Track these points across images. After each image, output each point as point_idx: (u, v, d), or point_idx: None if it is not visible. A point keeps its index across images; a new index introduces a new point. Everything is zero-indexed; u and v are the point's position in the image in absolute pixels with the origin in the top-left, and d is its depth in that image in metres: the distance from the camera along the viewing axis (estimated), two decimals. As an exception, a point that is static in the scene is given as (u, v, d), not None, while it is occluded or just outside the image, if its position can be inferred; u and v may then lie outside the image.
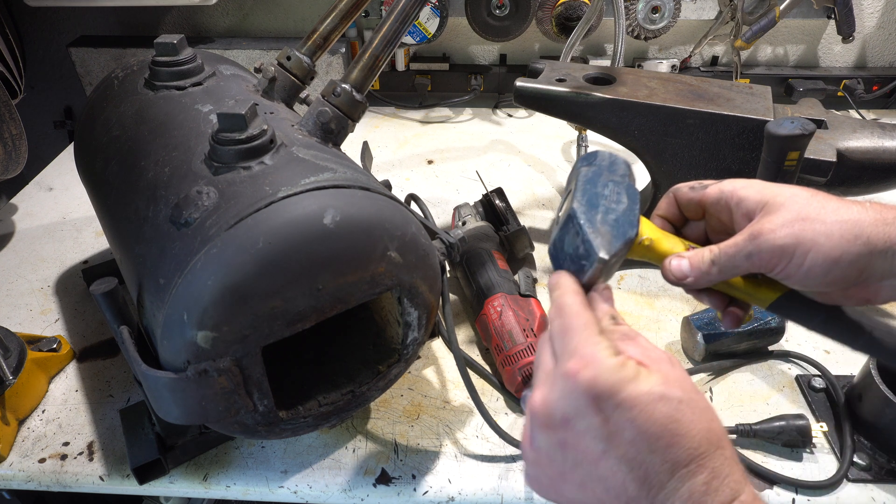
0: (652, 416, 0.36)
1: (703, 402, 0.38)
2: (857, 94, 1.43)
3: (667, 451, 0.36)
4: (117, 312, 0.59)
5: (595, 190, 0.47)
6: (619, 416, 0.37)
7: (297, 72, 0.81)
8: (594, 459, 0.38)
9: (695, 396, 0.38)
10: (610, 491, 0.37)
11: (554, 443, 0.39)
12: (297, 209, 0.55)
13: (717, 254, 0.46)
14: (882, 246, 0.42)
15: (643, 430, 0.36)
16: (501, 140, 1.42)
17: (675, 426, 0.36)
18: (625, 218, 0.46)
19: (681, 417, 0.36)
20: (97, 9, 1.51)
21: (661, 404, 0.37)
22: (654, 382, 0.37)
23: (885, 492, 0.68)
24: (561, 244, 0.46)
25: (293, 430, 0.64)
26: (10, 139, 1.15)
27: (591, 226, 0.44)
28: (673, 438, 0.36)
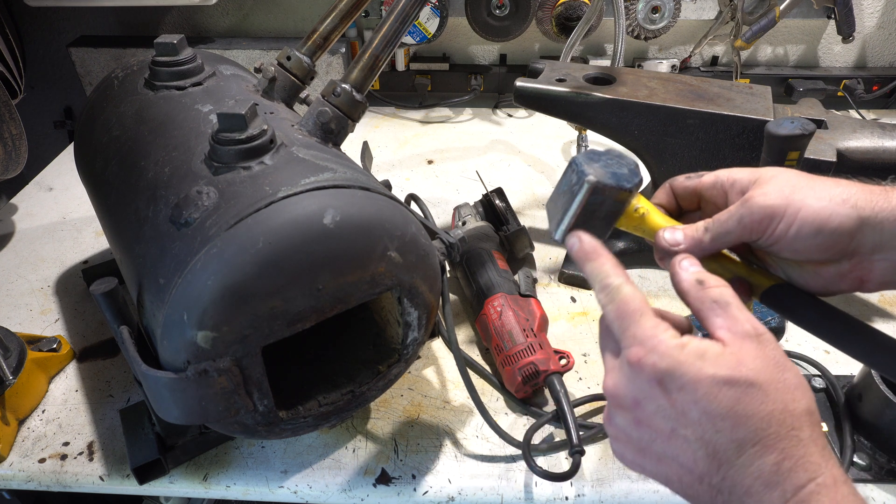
0: (716, 399, 0.37)
1: (783, 384, 0.38)
2: (857, 94, 1.43)
3: (733, 432, 0.37)
4: (117, 312, 0.59)
5: (597, 155, 0.49)
6: (684, 398, 0.38)
7: (297, 72, 0.81)
8: (666, 437, 0.39)
9: (773, 377, 0.38)
10: (683, 466, 0.39)
11: (630, 421, 0.41)
12: (297, 209, 0.55)
13: (709, 222, 0.47)
14: (870, 212, 0.42)
15: (707, 411, 0.37)
16: (501, 140, 1.42)
17: (740, 408, 0.37)
18: (623, 174, 0.47)
19: (748, 400, 0.37)
20: (97, 9, 1.51)
21: (725, 388, 0.37)
22: (722, 366, 0.38)
23: (885, 492, 0.68)
24: (557, 190, 0.49)
25: (293, 430, 0.64)
26: (10, 139, 1.15)
27: (588, 165, 0.47)
28: (738, 419, 0.37)
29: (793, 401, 0.37)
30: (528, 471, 0.69)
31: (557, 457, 0.73)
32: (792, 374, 0.38)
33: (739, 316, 0.40)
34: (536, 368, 0.74)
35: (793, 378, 0.38)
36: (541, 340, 0.77)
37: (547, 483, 0.69)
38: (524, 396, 0.78)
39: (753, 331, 0.40)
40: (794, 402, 0.37)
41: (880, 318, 0.90)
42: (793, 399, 0.37)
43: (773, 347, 0.40)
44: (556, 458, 0.73)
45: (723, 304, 0.41)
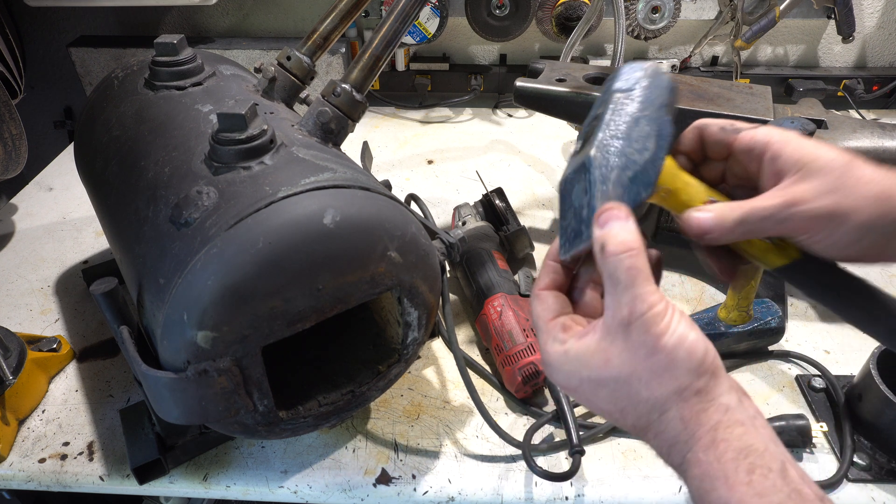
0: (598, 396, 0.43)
1: (649, 371, 0.40)
2: (857, 94, 1.43)
3: (624, 419, 0.43)
4: (117, 312, 0.59)
5: (621, 129, 0.43)
6: (581, 397, 0.44)
7: (297, 72, 0.81)
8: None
9: (638, 367, 0.41)
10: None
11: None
12: (297, 209, 0.55)
13: (746, 213, 0.44)
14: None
15: (599, 406, 0.44)
16: (501, 140, 1.42)
17: (618, 401, 0.42)
18: (643, 175, 0.43)
19: (620, 395, 0.42)
20: (97, 9, 1.51)
21: (600, 388, 0.43)
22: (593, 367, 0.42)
23: (885, 492, 0.68)
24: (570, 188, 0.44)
25: (293, 430, 0.64)
26: (10, 139, 1.15)
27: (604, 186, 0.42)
28: (621, 412, 0.42)
29: (658, 385, 0.40)
30: (528, 471, 0.69)
31: (557, 457, 0.73)
32: (662, 355, 0.40)
33: (622, 299, 0.41)
34: (536, 368, 0.74)
35: (662, 360, 0.40)
36: (541, 340, 0.77)
37: (547, 483, 0.69)
38: (524, 396, 0.78)
39: (627, 317, 0.40)
40: (659, 386, 0.40)
41: None
42: (659, 384, 0.40)
43: (643, 331, 0.40)
44: (556, 458, 0.73)
45: (614, 281, 0.41)
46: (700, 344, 0.40)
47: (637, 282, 0.41)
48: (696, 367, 0.39)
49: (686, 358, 0.39)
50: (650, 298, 0.40)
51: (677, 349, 0.39)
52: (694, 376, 0.39)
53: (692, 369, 0.39)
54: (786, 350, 0.84)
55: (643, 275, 0.41)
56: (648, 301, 0.40)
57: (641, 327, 0.40)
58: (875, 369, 0.70)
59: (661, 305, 0.41)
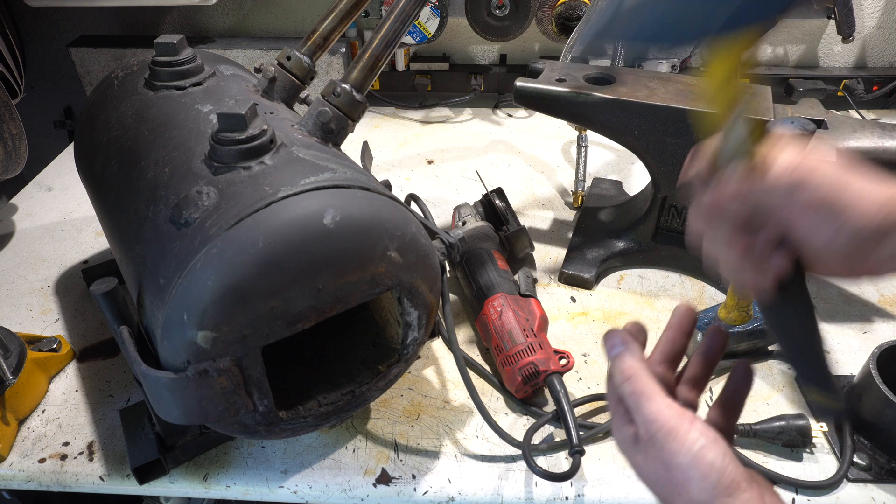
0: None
1: (671, 483, 0.43)
2: (857, 94, 1.43)
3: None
4: (117, 312, 0.59)
5: None
6: None
7: (297, 72, 0.81)
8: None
9: (660, 479, 0.44)
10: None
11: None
12: (296, 209, 0.55)
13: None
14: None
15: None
16: (501, 140, 1.42)
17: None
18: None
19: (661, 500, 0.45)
20: (97, 9, 1.51)
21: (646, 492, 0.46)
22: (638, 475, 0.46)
23: (885, 492, 0.68)
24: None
25: (293, 430, 0.64)
26: (10, 139, 1.15)
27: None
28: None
29: (678, 497, 0.43)
30: (528, 471, 0.69)
31: (557, 457, 0.73)
32: (678, 473, 0.42)
33: (637, 420, 0.45)
34: (536, 368, 0.74)
35: (678, 477, 0.42)
36: (541, 340, 0.77)
37: (547, 483, 0.69)
38: (524, 396, 0.78)
39: (644, 437, 0.44)
40: (679, 498, 0.43)
41: (880, 318, 0.90)
42: (678, 496, 0.43)
43: (659, 449, 0.43)
44: (556, 458, 0.73)
45: (627, 405, 0.46)
46: (716, 465, 0.42)
47: (641, 404, 0.45)
48: (711, 488, 0.41)
49: (700, 479, 0.41)
50: (660, 417, 0.44)
51: (691, 469, 0.42)
52: (709, 496, 0.41)
53: (706, 489, 0.41)
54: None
55: (645, 396, 0.45)
56: (658, 421, 0.44)
57: (657, 446, 0.43)
58: (875, 369, 0.70)
59: (673, 421, 0.43)
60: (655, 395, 0.45)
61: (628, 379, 0.46)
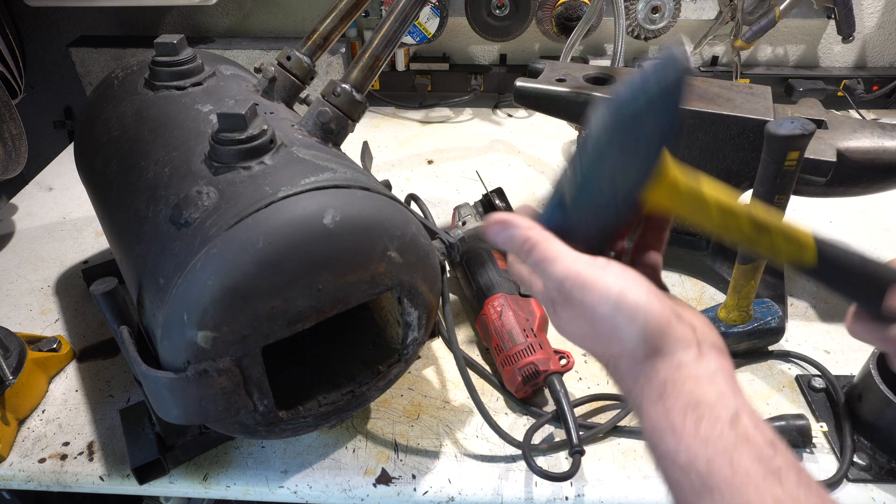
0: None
1: (599, 336, 0.42)
2: (857, 94, 1.43)
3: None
4: (117, 312, 0.59)
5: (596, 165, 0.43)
6: None
7: (297, 72, 0.81)
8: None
9: (589, 331, 0.43)
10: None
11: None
12: (297, 209, 0.55)
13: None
14: None
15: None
16: (501, 140, 1.42)
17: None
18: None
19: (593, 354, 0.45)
20: (97, 9, 1.51)
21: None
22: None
23: (885, 492, 0.68)
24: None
25: (293, 430, 0.64)
26: (10, 139, 1.15)
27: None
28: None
29: (608, 346, 0.42)
30: (528, 471, 0.69)
31: (557, 457, 0.73)
32: (603, 324, 0.41)
33: (547, 283, 0.44)
34: (536, 368, 0.74)
35: (605, 328, 0.41)
36: (541, 340, 0.77)
37: (547, 483, 0.69)
38: (524, 396, 0.78)
39: (560, 297, 0.43)
40: (609, 347, 0.42)
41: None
42: (608, 346, 0.42)
43: (579, 304, 0.41)
44: (556, 458, 0.73)
45: (535, 270, 0.45)
46: (640, 304, 0.39)
47: (547, 269, 0.43)
48: (641, 330, 0.39)
49: (627, 324, 0.40)
50: (569, 273, 0.41)
51: (615, 316, 0.40)
52: (639, 340, 0.39)
53: (636, 334, 0.39)
54: (786, 350, 0.84)
55: (548, 260, 0.42)
56: (569, 278, 0.41)
57: (576, 304, 0.41)
58: (875, 369, 0.70)
59: (585, 272, 0.41)
60: (561, 254, 0.42)
61: (529, 251, 0.44)
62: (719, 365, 0.40)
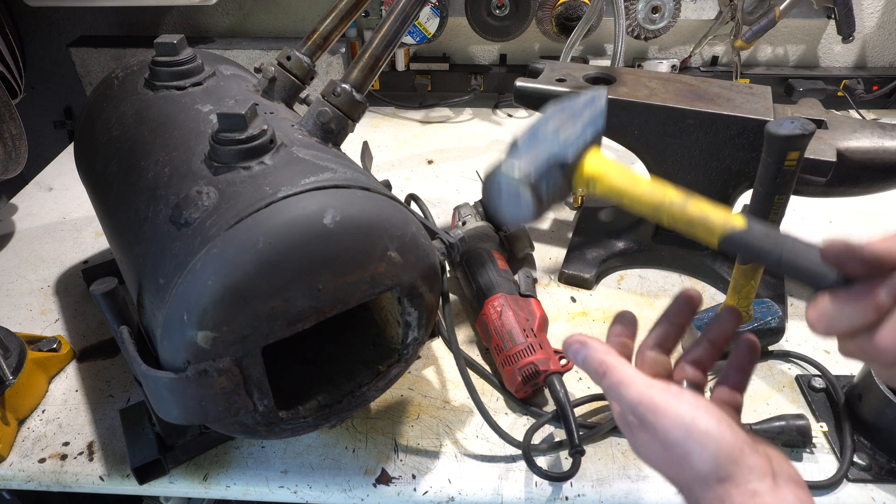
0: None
1: (674, 461, 0.43)
2: (857, 94, 1.43)
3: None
4: (117, 312, 0.59)
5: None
6: None
7: (297, 72, 0.81)
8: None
9: (664, 458, 0.44)
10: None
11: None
12: (297, 209, 0.55)
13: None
14: None
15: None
16: (501, 140, 1.42)
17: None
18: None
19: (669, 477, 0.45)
20: (97, 9, 1.51)
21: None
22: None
23: (885, 492, 0.68)
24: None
25: (293, 430, 0.64)
26: (10, 139, 1.15)
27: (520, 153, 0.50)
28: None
29: (682, 472, 0.42)
30: (528, 471, 0.69)
31: (557, 457, 0.73)
32: (676, 449, 0.42)
33: (623, 408, 0.46)
34: (536, 368, 0.74)
35: (677, 453, 0.42)
36: (541, 340, 0.77)
37: (547, 483, 0.69)
38: (524, 396, 0.78)
39: (635, 422, 0.44)
40: (682, 473, 0.42)
41: (880, 318, 0.90)
42: (681, 472, 0.42)
43: (653, 429, 0.43)
44: (556, 458, 0.73)
45: (611, 396, 0.47)
46: (712, 432, 0.41)
47: (622, 393, 0.44)
48: (712, 458, 0.40)
49: (699, 450, 0.40)
50: (643, 398, 0.43)
51: (687, 442, 0.41)
52: (712, 466, 0.40)
53: (707, 459, 0.40)
54: (786, 350, 0.84)
55: (623, 384, 0.44)
56: (643, 402, 0.43)
57: (649, 427, 0.43)
58: (875, 369, 0.70)
59: (659, 398, 0.43)
60: (634, 379, 0.44)
61: (603, 375, 0.46)
62: (797, 496, 0.40)
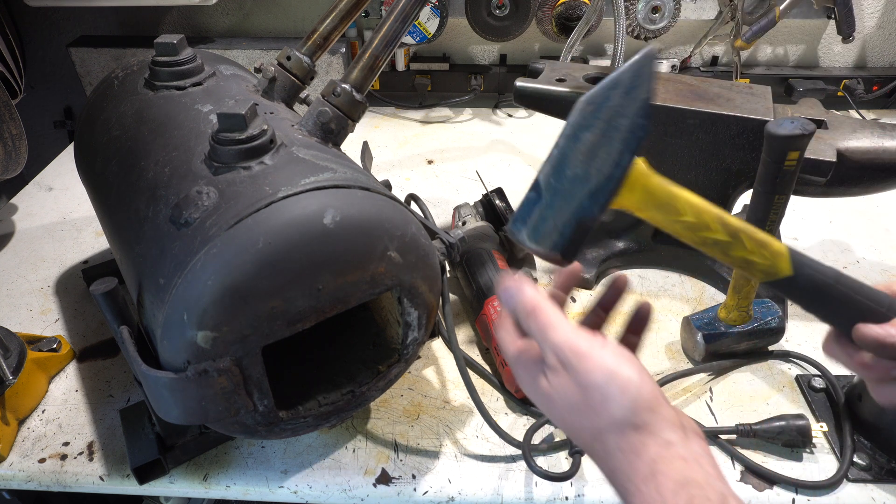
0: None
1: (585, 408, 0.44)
2: (857, 94, 1.43)
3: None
4: (117, 312, 0.59)
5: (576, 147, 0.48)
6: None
7: (297, 72, 0.81)
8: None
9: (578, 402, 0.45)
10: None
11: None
12: (296, 209, 0.55)
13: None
14: None
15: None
16: (501, 140, 1.42)
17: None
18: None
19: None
20: (97, 9, 1.51)
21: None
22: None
23: (885, 492, 0.68)
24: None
25: (293, 430, 0.64)
26: (10, 139, 1.15)
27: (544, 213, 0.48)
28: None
29: (596, 418, 0.43)
30: (528, 471, 0.69)
31: (557, 457, 0.73)
32: (595, 392, 0.42)
33: (545, 349, 0.45)
34: (536, 368, 0.74)
35: (596, 396, 0.42)
36: (541, 340, 0.77)
37: (547, 483, 0.69)
38: (524, 396, 0.78)
39: (555, 363, 0.45)
40: (597, 419, 0.42)
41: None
42: (596, 417, 0.43)
43: (573, 371, 0.43)
44: (556, 458, 0.73)
45: (534, 336, 0.47)
46: (633, 379, 0.41)
47: (548, 333, 0.44)
48: (631, 403, 0.41)
49: (619, 394, 0.41)
50: (570, 340, 0.43)
51: (609, 385, 0.41)
52: (629, 412, 0.41)
53: (626, 405, 0.41)
54: (786, 350, 0.84)
55: (552, 325, 0.45)
56: (569, 344, 0.43)
57: (570, 369, 0.43)
58: (875, 369, 0.69)
59: (585, 343, 0.43)
60: (561, 321, 0.45)
61: (531, 312, 0.46)
62: (703, 449, 0.42)
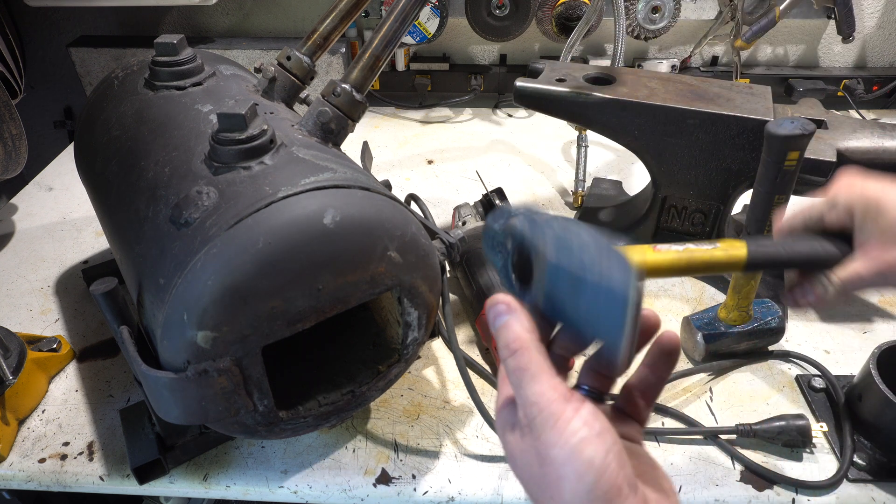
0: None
1: (544, 479, 0.38)
2: (857, 94, 1.43)
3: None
4: (117, 312, 0.59)
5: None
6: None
7: (297, 72, 0.81)
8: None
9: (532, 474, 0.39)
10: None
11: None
12: (297, 209, 0.55)
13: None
14: None
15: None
16: (501, 140, 1.42)
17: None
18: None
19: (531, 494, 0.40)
20: (97, 9, 1.51)
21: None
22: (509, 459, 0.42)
23: (885, 492, 0.68)
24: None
25: (293, 430, 0.64)
26: (10, 139, 1.15)
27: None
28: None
29: (549, 499, 0.37)
30: (528, 471, 0.69)
31: (557, 457, 0.73)
32: (550, 469, 0.36)
33: (519, 401, 0.39)
34: (536, 368, 0.74)
35: (551, 474, 0.36)
36: (541, 340, 0.77)
37: (547, 483, 0.69)
38: (524, 396, 0.78)
39: (523, 420, 0.38)
40: (549, 498, 0.37)
41: (880, 318, 0.90)
42: (549, 497, 0.37)
43: (536, 438, 0.37)
44: (556, 458, 0.73)
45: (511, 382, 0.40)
46: (595, 464, 0.35)
47: (524, 383, 0.38)
48: (586, 492, 0.35)
49: (575, 479, 0.35)
50: (542, 400, 0.37)
51: (566, 465, 0.35)
52: (582, 501, 0.35)
53: (580, 493, 0.35)
54: (786, 350, 0.84)
55: (529, 373, 0.38)
56: (539, 404, 0.37)
57: (534, 433, 0.37)
58: (875, 369, 0.70)
59: (555, 406, 0.37)
60: (541, 374, 0.38)
61: (514, 353, 0.39)
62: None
